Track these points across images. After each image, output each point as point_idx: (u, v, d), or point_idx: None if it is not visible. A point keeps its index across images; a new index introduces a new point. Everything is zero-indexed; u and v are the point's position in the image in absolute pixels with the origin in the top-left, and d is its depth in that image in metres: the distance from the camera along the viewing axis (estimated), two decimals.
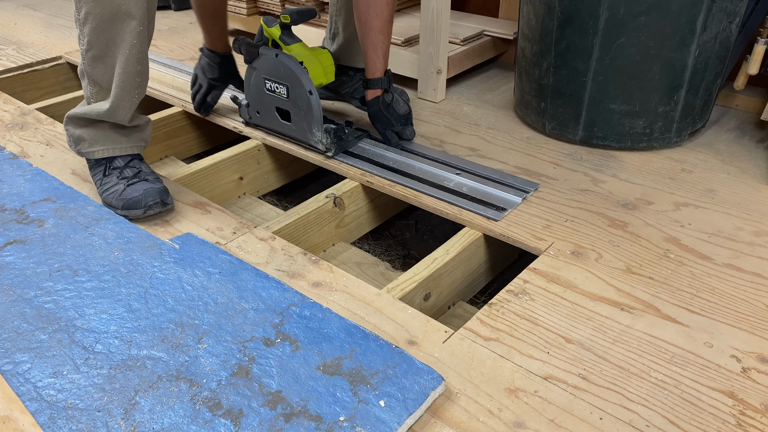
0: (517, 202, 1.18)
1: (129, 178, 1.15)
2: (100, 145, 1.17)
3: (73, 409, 0.75)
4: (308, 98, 1.27)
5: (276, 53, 1.28)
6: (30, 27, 2.28)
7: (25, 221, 1.11)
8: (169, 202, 1.15)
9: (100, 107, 1.12)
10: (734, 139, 1.45)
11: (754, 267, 1.01)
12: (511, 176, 1.28)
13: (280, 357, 0.83)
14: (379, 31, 1.28)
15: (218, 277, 0.97)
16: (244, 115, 1.46)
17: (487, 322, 0.91)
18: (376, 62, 1.31)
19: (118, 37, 1.06)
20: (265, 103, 1.37)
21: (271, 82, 1.31)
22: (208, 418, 0.74)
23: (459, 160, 1.34)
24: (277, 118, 1.37)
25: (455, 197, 1.19)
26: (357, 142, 1.39)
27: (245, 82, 1.38)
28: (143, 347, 0.85)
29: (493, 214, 1.14)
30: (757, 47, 1.35)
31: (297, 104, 1.30)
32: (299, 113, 1.31)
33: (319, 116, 1.28)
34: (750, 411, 0.76)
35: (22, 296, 0.93)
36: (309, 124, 1.30)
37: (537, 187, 1.23)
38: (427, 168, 1.30)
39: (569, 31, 1.31)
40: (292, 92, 1.28)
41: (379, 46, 1.29)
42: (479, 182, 1.25)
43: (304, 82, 1.25)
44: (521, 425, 0.75)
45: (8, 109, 1.60)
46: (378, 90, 1.34)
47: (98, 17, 1.03)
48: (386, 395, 0.76)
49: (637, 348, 0.86)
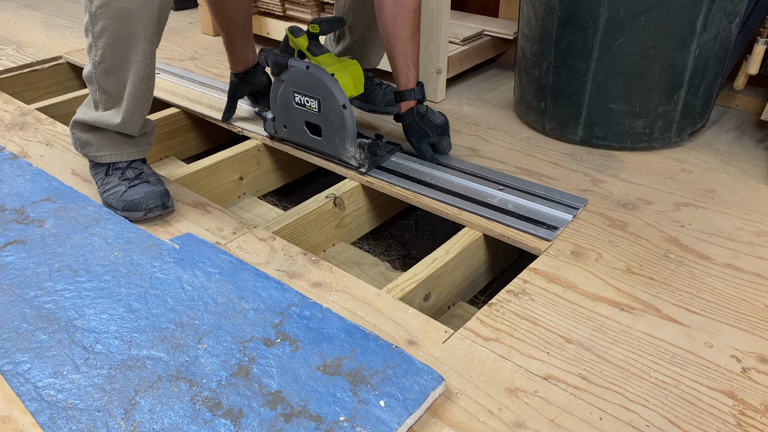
0: (568, 219, 1.11)
1: (131, 179, 1.15)
2: (107, 150, 1.17)
3: (73, 409, 0.75)
4: (342, 112, 1.21)
5: (307, 65, 1.22)
6: (30, 27, 2.28)
7: (25, 221, 1.11)
8: (170, 205, 1.15)
9: (110, 119, 1.13)
10: (734, 139, 1.45)
11: (754, 267, 1.01)
12: (557, 192, 1.20)
13: (280, 357, 0.83)
14: (408, 41, 1.24)
15: (218, 277, 0.97)
16: (270, 129, 1.39)
17: (487, 322, 0.91)
18: (408, 73, 1.26)
19: (132, 56, 1.07)
20: (294, 117, 1.31)
21: (300, 95, 1.25)
22: (208, 418, 0.74)
23: (500, 174, 1.27)
24: (306, 133, 1.31)
25: (501, 215, 1.13)
26: (390, 156, 1.33)
27: (271, 95, 1.32)
28: (143, 347, 0.85)
29: (545, 233, 1.08)
30: (757, 47, 1.35)
31: (329, 119, 1.24)
32: (331, 128, 1.25)
33: (353, 131, 1.23)
34: (750, 411, 0.76)
35: (22, 296, 0.93)
36: (342, 139, 1.25)
37: (586, 203, 1.16)
38: (467, 183, 1.23)
39: (569, 30, 1.31)
40: (324, 106, 1.23)
41: (409, 57, 1.25)
42: (524, 198, 1.18)
43: (338, 96, 1.20)
44: (521, 425, 0.75)
45: (8, 109, 1.60)
46: (411, 101, 1.28)
47: (114, 35, 1.04)
48: (386, 395, 0.76)
49: (637, 348, 0.86)
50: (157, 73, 1.80)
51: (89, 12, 1.03)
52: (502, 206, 1.16)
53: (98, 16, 1.03)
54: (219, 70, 1.86)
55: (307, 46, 1.28)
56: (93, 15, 1.03)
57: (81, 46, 2.06)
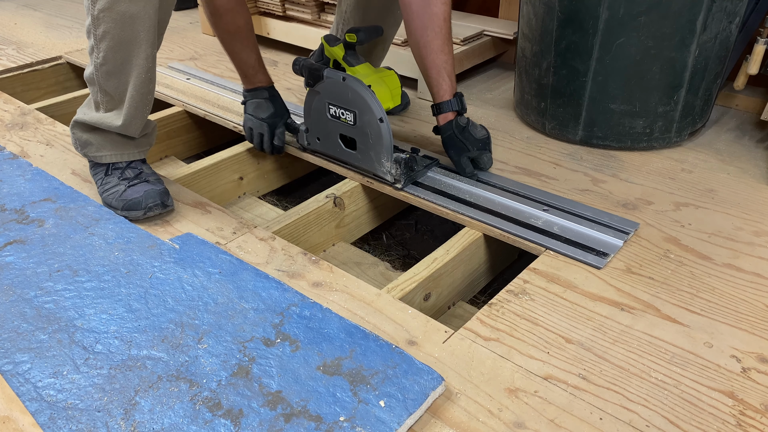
0: (619, 245, 1.05)
1: (130, 179, 1.15)
2: (107, 151, 1.17)
3: (73, 410, 0.75)
4: (378, 126, 1.16)
5: (343, 77, 1.16)
6: (30, 27, 2.28)
7: (25, 221, 1.11)
8: (170, 204, 1.15)
9: (111, 121, 1.13)
10: (734, 139, 1.45)
11: (754, 267, 1.01)
12: (606, 213, 1.13)
13: (280, 357, 0.83)
14: (440, 51, 1.19)
15: (218, 277, 0.97)
16: (302, 141, 1.33)
17: (487, 322, 0.91)
18: (442, 84, 1.21)
19: (134, 60, 1.07)
20: (328, 129, 1.25)
21: (335, 107, 1.20)
22: (208, 418, 0.74)
23: (543, 194, 1.20)
24: (340, 146, 1.25)
25: (547, 239, 1.06)
26: (427, 171, 1.27)
27: (305, 107, 1.27)
28: (143, 347, 0.85)
29: (594, 260, 1.01)
30: (757, 47, 1.35)
31: (365, 132, 1.18)
32: (366, 142, 1.19)
33: (389, 146, 1.17)
34: (750, 411, 0.76)
35: (22, 296, 0.93)
36: (377, 153, 1.19)
37: (637, 228, 1.10)
38: (508, 203, 1.17)
39: (569, 30, 1.31)
40: (360, 119, 1.17)
41: (442, 67, 1.20)
42: (571, 221, 1.11)
43: (375, 109, 1.14)
44: (521, 425, 0.75)
45: (8, 108, 1.60)
46: (450, 113, 1.23)
47: (117, 38, 1.04)
48: (386, 395, 0.76)
49: (637, 348, 0.86)
50: (188, 79, 1.79)
51: (92, 15, 1.03)
52: (547, 228, 1.09)
53: (101, 20, 1.03)
54: (219, 70, 1.86)
55: (343, 56, 1.23)
56: (95, 18, 1.03)
57: (81, 46, 2.06)
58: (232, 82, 1.76)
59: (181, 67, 1.87)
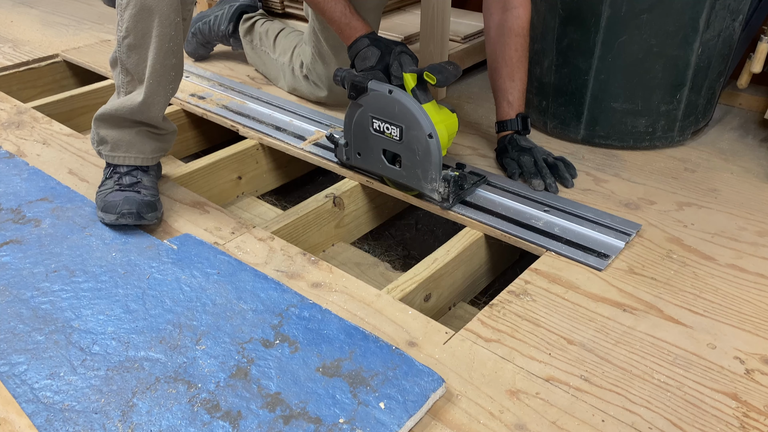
0: (620, 246, 1.04)
1: (123, 186, 1.11)
2: (121, 151, 1.13)
3: (70, 411, 0.75)
4: (427, 143, 1.09)
5: (390, 89, 1.10)
6: (26, 25, 2.27)
7: (21, 221, 1.10)
8: (147, 218, 1.06)
9: (132, 101, 1.08)
10: (737, 138, 1.44)
11: (757, 267, 1.00)
12: (607, 215, 1.12)
13: (279, 358, 0.82)
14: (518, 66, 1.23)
15: (216, 278, 0.97)
16: (341, 156, 1.27)
17: (488, 323, 0.90)
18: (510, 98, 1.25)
19: (156, 28, 1.02)
20: (370, 144, 1.19)
21: (380, 121, 1.14)
22: (207, 420, 0.73)
23: (544, 194, 1.18)
24: (383, 162, 1.19)
25: (548, 240, 1.06)
26: (475, 189, 1.20)
27: (346, 120, 1.21)
28: (141, 348, 0.84)
29: (595, 261, 1.01)
30: (761, 45, 1.34)
31: (411, 148, 1.12)
32: (413, 158, 1.13)
33: (438, 163, 1.10)
34: (754, 413, 0.76)
35: (19, 297, 0.92)
36: (425, 170, 1.12)
37: (639, 229, 1.09)
38: (509, 203, 1.16)
39: (571, 28, 1.30)
40: (407, 134, 1.11)
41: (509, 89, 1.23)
42: (572, 222, 1.10)
43: (424, 124, 1.08)
44: (522, 427, 0.74)
45: (4, 107, 1.59)
46: (508, 132, 1.25)
47: (139, 4, 1.01)
48: (386, 397, 0.75)
49: (639, 349, 0.85)
50: (187, 77, 1.77)
51: None
52: (548, 230, 1.08)
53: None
54: (217, 68, 1.85)
55: (413, 88, 1.12)
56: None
57: (78, 44, 2.05)
58: (230, 79, 1.75)
59: None
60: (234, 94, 1.65)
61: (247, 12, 1.77)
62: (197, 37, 1.84)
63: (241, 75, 1.79)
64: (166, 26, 1.03)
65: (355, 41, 1.18)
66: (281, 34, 1.67)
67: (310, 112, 1.55)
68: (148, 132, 1.14)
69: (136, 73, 1.08)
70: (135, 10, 1.02)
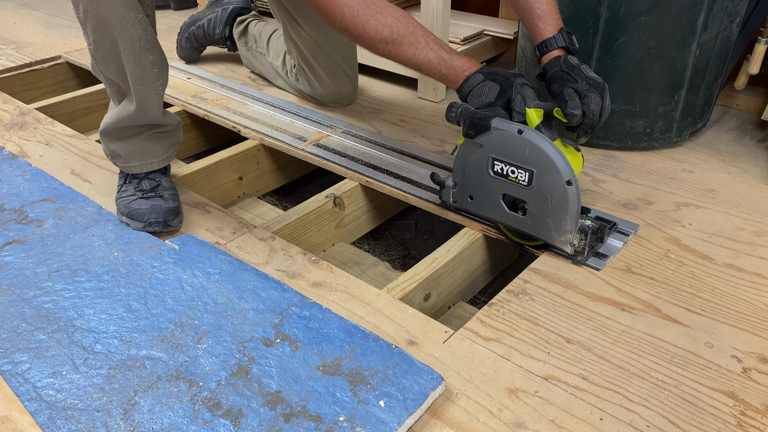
0: (618, 246, 1.04)
1: (145, 191, 1.12)
2: (135, 161, 1.13)
3: (73, 410, 0.75)
4: (565, 190, 0.96)
5: (519, 129, 0.97)
6: (29, 26, 2.28)
7: (24, 221, 1.11)
8: (173, 225, 1.09)
9: (128, 110, 1.08)
10: (735, 138, 1.45)
11: (754, 267, 1.01)
12: (606, 214, 1.12)
13: (280, 357, 0.82)
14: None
15: (218, 278, 0.97)
16: (447, 197, 1.13)
17: (487, 322, 0.90)
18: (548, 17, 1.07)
19: (121, 31, 0.98)
20: (487, 188, 1.05)
21: (503, 164, 1.01)
22: (208, 418, 0.74)
23: None
24: (502, 208, 1.05)
25: None
26: (607, 238, 1.08)
27: (457, 159, 1.07)
28: (143, 347, 0.84)
29: (594, 262, 1.01)
30: (758, 47, 1.35)
31: (542, 195, 0.99)
32: (543, 206, 0.99)
33: (576, 213, 0.98)
34: (751, 411, 0.76)
35: (22, 296, 0.93)
36: (558, 221, 0.99)
37: (637, 229, 1.09)
38: None
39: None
40: (538, 180, 0.98)
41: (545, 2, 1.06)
42: None
43: (562, 170, 0.95)
44: (521, 425, 0.74)
45: (7, 108, 1.60)
46: (555, 51, 1.06)
47: (96, 15, 0.98)
48: (386, 395, 0.76)
49: (637, 348, 0.86)
50: (189, 78, 1.78)
51: (72, 2, 0.99)
52: None
53: (78, 1, 0.98)
54: (219, 69, 1.86)
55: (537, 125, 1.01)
56: (75, 2, 0.98)
57: (80, 45, 2.06)
58: (231, 81, 1.76)
59: (181, 67, 1.87)
60: (235, 95, 1.66)
61: (241, 14, 1.78)
62: (191, 42, 1.84)
63: (242, 76, 1.80)
64: (128, 28, 0.99)
65: (465, 80, 1.01)
66: (274, 35, 1.68)
67: (310, 113, 1.56)
68: (155, 134, 1.14)
69: (120, 80, 1.06)
70: (94, 22, 0.99)
